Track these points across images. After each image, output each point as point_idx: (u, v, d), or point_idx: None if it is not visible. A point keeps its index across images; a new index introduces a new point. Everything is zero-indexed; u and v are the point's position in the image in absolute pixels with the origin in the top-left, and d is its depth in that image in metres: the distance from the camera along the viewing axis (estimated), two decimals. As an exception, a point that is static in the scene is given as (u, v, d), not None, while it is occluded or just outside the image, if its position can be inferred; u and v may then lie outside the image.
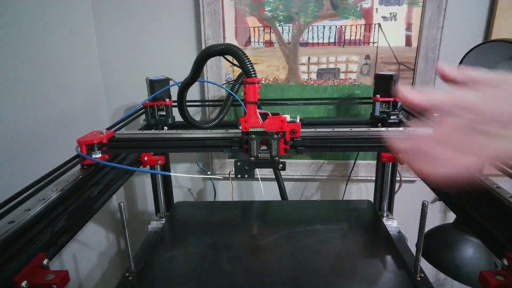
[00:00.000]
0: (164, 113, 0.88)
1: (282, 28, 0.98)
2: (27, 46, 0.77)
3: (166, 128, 0.87)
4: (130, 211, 1.22)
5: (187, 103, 0.68)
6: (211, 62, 1.01)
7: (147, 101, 0.85)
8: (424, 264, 0.66)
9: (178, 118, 0.76)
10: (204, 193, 1.19)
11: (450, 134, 0.27)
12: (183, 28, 1.01)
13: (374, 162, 1.01)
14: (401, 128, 0.64)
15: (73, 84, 0.94)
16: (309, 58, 1.00)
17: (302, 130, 0.57)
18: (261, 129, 0.53)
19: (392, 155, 0.81)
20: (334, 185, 1.13)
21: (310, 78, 1.02)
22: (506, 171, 0.48)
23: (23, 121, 0.76)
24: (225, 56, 0.56)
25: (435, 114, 0.28)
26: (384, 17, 0.95)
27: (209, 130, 0.66)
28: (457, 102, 0.27)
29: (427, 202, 0.57)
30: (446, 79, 0.31)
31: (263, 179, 1.07)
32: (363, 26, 0.96)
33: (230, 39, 1.00)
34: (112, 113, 1.11)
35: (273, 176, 0.98)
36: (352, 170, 1.06)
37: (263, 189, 1.09)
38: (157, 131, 0.73)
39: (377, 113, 0.86)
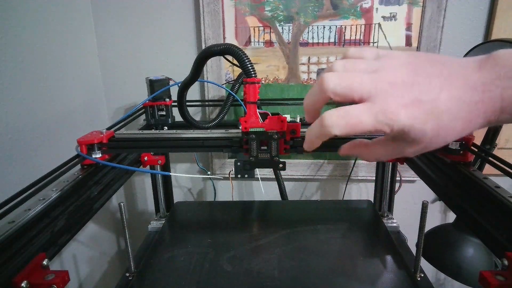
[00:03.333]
0: (164, 113, 0.88)
1: (282, 28, 0.98)
2: (27, 46, 0.77)
3: (166, 128, 0.87)
4: (130, 211, 1.22)
5: (187, 103, 0.68)
6: (211, 62, 1.01)
7: (147, 101, 0.85)
8: (424, 264, 0.65)
9: (178, 118, 0.76)
10: (204, 193, 1.19)
11: None
12: (183, 28, 1.01)
13: (374, 162, 1.01)
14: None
15: (73, 84, 0.94)
16: (309, 58, 1.00)
17: (302, 130, 0.57)
18: (261, 129, 0.52)
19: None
20: (334, 185, 1.13)
21: (310, 78, 1.02)
22: (506, 171, 0.48)
23: (23, 121, 0.76)
24: (225, 56, 0.55)
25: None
26: (384, 17, 0.95)
27: (209, 130, 0.66)
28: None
29: (427, 202, 0.57)
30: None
31: (263, 179, 1.07)
32: (363, 26, 0.96)
33: (230, 39, 1.00)
34: (112, 113, 1.11)
35: (273, 176, 0.98)
36: (352, 170, 1.06)
37: (263, 189, 1.09)
38: (157, 131, 0.73)
39: (377, 113, 0.85)
